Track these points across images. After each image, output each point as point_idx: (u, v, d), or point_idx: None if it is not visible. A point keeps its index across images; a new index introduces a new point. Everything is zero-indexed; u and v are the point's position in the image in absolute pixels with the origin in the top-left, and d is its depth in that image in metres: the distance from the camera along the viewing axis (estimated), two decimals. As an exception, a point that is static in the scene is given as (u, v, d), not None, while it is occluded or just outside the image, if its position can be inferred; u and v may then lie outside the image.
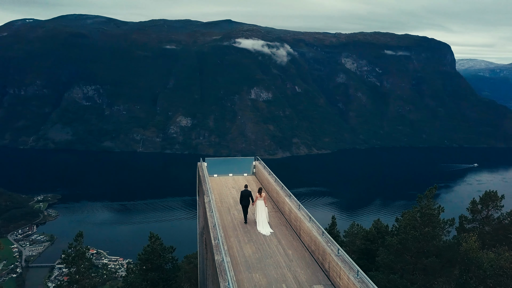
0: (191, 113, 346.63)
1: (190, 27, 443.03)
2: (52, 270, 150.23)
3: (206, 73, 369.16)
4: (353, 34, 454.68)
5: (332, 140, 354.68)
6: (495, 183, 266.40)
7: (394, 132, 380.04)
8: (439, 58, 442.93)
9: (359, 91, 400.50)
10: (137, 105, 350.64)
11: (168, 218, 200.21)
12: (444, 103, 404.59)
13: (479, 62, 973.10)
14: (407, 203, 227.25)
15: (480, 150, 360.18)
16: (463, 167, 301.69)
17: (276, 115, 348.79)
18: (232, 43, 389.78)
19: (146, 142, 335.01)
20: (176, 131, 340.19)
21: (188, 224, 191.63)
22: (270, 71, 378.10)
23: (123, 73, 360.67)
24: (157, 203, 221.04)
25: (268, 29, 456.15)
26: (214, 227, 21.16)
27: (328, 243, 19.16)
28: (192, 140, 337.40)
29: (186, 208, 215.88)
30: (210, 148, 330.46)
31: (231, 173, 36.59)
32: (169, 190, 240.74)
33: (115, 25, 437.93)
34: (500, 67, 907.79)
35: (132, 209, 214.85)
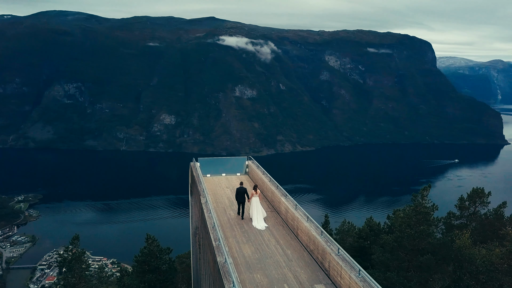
0: (175, 111, 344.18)
1: (174, 24, 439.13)
2: (34, 271, 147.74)
3: (190, 70, 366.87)
4: (336, 32, 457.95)
5: (316, 137, 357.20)
6: (475, 178, 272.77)
7: (377, 129, 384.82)
8: (420, 56, 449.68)
9: (343, 89, 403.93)
10: (120, 103, 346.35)
11: (153, 217, 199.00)
12: (425, 100, 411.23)
13: (459, 60, 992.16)
14: (391, 199, 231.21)
15: (460, 146, 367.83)
16: (444, 163, 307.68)
17: (261, 112, 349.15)
18: (216, 40, 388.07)
19: (130, 140, 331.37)
20: (160, 129, 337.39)
21: (174, 222, 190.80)
22: (254, 68, 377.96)
23: (106, 70, 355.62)
24: (141, 202, 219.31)
25: (252, 27, 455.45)
26: (214, 228, 21.05)
27: (327, 242, 19.29)
28: (176, 138, 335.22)
29: (171, 206, 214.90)
30: (195, 146, 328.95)
31: (224, 173, 36.45)
32: (154, 189, 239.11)
33: (97, 22, 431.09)
34: (479, 65, 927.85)
35: (116, 209, 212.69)
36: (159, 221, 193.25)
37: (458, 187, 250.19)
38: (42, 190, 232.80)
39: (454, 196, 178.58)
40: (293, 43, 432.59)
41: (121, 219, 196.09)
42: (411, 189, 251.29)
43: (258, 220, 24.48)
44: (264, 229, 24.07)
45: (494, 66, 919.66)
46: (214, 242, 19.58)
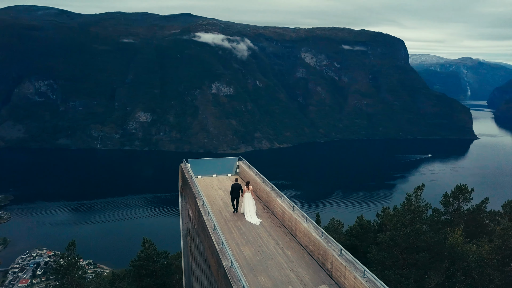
0: (151, 108, 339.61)
1: (149, 20, 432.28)
2: (6, 275, 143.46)
3: (166, 67, 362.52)
4: (312, 29, 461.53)
5: (293, 134, 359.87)
6: (446, 172, 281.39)
7: (352, 125, 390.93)
8: (394, 53, 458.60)
9: (319, 86, 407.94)
10: (94, 100, 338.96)
11: (130, 216, 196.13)
12: (399, 97, 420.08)
13: (431, 57, 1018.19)
14: (367, 194, 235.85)
15: (433, 141, 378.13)
16: (418, 158, 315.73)
17: (238, 109, 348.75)
18: (192, 37, 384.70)
19: (104, 138, 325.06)
20: (136, 127, 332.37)
21: (153, 222, 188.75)
22: (231, 65, 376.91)
23: (79, 67, 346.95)
24: (117, 201, 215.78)
25: (228, 23, 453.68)
26: (215, 231, 20.80)
27: (329, 243, 19.32)
28: (152, 136, 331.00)
29: (148, 205, 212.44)
30: (171, 144, 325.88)
31: (215, 173, 36.01)
32: (130, 188, 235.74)
33: (69, 17, 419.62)
34: (450, 62, 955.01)
35: (91, 208, 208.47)
36: (136, 220, 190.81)
37: (431, 181, 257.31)
38: (13, 191, 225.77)
39: (428, 190, 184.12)
40: (269, 40, 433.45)
41: (96, 219, 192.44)
42: (386, 183, 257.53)
43: (250, 215, 25.54)
44: (258, 224, 24.88)
45: (464, 63, 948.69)
46: (217, 246, 19.37)
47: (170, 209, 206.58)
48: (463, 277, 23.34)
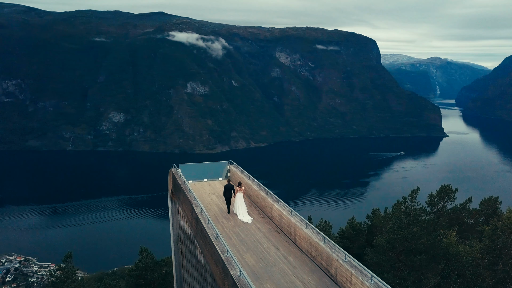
0: (124, 108, 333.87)
1: (121, 19, 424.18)
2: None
3: (139, 66, 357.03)
4: (286, 29, 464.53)
5: (269, 133, 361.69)
6: (418, 169, 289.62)
7: (327, 124, 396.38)
8: (366, 53, 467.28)
9: (293, 85, 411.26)
10: (65, 100, 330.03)
11: (106, 218, 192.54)
12: (371, 96, 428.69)
13: (402, 57, 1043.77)
14: (342, 192, 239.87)
15: (404, 139, 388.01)
16: (391, 156, 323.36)
17: (214, 109, 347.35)
18: (166, 36, 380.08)
19: (77, 139, 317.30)
20: (109, 128, 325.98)
21: (129, 224, 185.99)
22: (206, 64, 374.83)
23: (48, 66, 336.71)
24: (92, 204, 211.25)
25: (202, 22, 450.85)
26: (218, 239, 20.43)
27: (332, 248, 19.23)
28: (126, 136, 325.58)
29: (123, 207, 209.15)
30: (146, 144, 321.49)
31: (205, 178, 35.35)
32: (104, 190, 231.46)
33: (37, 15, 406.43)
34: (420, 62, 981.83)
35: (63, 212, 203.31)
36: (111, 223, 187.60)
37: (403, 178, 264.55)
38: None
39: (400, 187, 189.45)
40: (244, 40, 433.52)
41: (69, 223, 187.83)
42: (360, 181, 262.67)
43: (243, 214, 26.08)
44: (250, 222, 25.40)
45: (433, 63, 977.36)
46: (222, 254, 18.96)
47: (146, 211, 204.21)
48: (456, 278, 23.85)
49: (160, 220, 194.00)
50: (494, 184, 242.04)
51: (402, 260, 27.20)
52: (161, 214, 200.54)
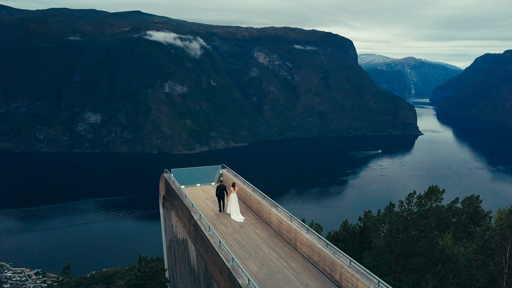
0: (101, 108, 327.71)
1: (96, 18, 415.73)
2: None
3: (116, 66, 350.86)
4: (264, 29, 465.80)
5: (249, 133, 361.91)
6: (394, 167, 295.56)
7: (305, 124, 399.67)
8: (343, 53, 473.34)
9: (272, 85, 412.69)
10: (39, 101, 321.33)
11: (83, 221, 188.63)
12: (348, 95, 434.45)
13: (378, 57, 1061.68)
14: (321, 190, 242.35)
15: (381, 137, 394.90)
16: (368, 154, 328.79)
17: (192, 109, 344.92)
18: (143, 35, 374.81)
19: (51, 141, 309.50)
20: (85, 128, 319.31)
21: (107, 226, 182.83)
22: (184, 64, 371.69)
23: (21, 66, 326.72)
24: (68, 207, 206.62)
25: (179, 22, 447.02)
26: (221, 247, 20.13)
27: (335, 254, 19.15)
28: (103, 137, 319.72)
29: (101, 210, 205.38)
30: (123, 145, 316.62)
31: (198, 183, 34.96)
32: (81, 192, 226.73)
33: (8, 13, 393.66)
34: (395, 62, 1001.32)
35: (38, 215, 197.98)
36: (88, 226, 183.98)
37: (380, 176, 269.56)
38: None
39: (378, 184, 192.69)
40: (222, 39, 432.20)
41: (45, 226, 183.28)
42: (338, 179, 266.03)
43: (236, 214, 26.61)
44: (242, 221, 25.83)
45: (408, 62, 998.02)
46: (228, 263, 18.72)
47: (124, 213, 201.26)
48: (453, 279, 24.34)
49: (139, 222, 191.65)
50: (468, 181, 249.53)
51: (400, 263, 27.48)
52: (141, 216, 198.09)
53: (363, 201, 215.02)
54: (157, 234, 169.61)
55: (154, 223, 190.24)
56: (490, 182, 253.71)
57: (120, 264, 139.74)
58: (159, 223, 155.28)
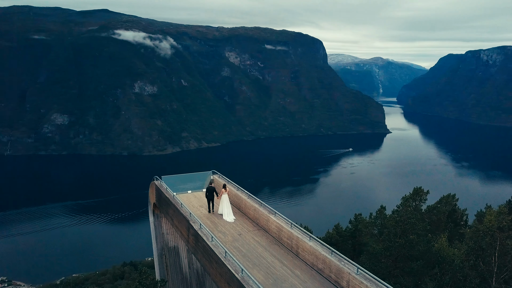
0: (68, 109, 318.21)
1: (62, 16, 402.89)
2: None
3: (83, 66, 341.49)
4: (235, 29, 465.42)
5: (221, 133, 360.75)
6: (364, 165, 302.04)
7: (277, 123, 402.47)
8: (313, 53, 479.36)
9: (244, 85, 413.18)
10: (1, 102, 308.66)
11: (50, 226, 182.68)
12: (319, 95, 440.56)
13: (347, 57, 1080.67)
14: (293, 189, 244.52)
15: (351, 136, 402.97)
16: (340, 152, 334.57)
17: (163, 109, 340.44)
18: (111, 34, 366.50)
19: (15, 143, 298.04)
20: (52, 130, 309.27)
21: (77, 231, 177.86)
22: (154, 64, 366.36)
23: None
24: (34, 211, 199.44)
25: (149, 21, 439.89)
26: (227, 257, 19.69)
27: (341, 261, 19.03)
28: (71, 139, 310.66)
29: (70, 214, 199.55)
30: (92, 147, 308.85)
31: (189, 189, 34.20)
32: (48, 196, 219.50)
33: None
34: (364, 62, 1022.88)
35: (2, 221, 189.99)
36: (57, 231, 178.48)
37: (351, 174, 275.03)
38: None
39: (349, 182, 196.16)
40: (192, 39, 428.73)
41: (9, 233, 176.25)
42: (310, 178, 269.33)
43: (228, 215, 27.11)
44: (233, 221, 26.35)
45: (376, 63, 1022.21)
46: (237, 274, 18.29)
47: (94, 216, 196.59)
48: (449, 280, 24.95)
49: (110, 225, 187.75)
50: (434, 177, 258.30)
51: (399, 267, 27.82)
52: (112, 219, 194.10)
53: (335, 199, 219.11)
54: (128, 237, 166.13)
55: (125, 226, 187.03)
56: (455, 178, 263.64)
57: (92, 269, 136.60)
58: (131, 226, 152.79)
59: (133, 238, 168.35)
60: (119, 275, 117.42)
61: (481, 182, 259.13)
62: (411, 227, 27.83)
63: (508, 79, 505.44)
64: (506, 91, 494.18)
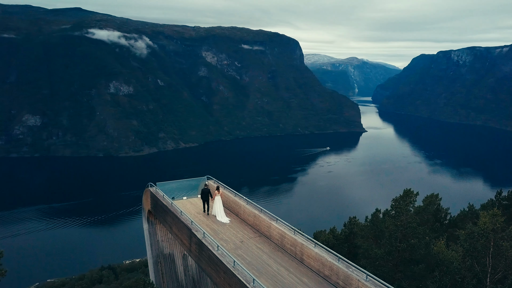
0: (40, 110, 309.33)
1: (32, 14, 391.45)
2: None
3: (56, 65, 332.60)
4: (212, 28, 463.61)
5: (199, 133, 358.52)
6: (341, 163, 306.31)
7: (255, 123, 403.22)
8: (289, 53, 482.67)
9: (221, 85, 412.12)
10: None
11: (22, 231, 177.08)
12: (296, 95, 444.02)
13: (322, 57, 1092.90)
14: (271, 188, 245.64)
15: (327, 135, 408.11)
16: (317, 151, 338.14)
17: (139, 109, 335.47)
18: (85, 33, 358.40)
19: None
20: (23, 132, 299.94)
21: (51, 235, 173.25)
22: (129, 63, 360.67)
23: None
24: (5, 216, 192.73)
25: (123, 20, 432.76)
26: (236, 267, 19.39)
27: (349, 268, 18.99)
28: (44, 140, 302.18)
29: (43, 218, 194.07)
30: (66, 148, 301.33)
31: (185, 196, 33.89)
32: (20, 200, 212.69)
33: None
34: (339, 62, 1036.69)
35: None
36: (30, 235, 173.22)
37: (328, 173, 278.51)
38: None
39: (326, 181, 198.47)
40: (169, 38, 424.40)
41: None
42: (288, 177, 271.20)
43: (221, 216, 27.94)
44: (227, 222, 26.86)
45: (351, 62, 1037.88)
46: (248, 284, 17.95)
47: (69, 220, 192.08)
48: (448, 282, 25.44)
49: (86, 228, 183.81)
50: (409, 174, 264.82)
51: (401, 271, 28.11)
52: (87, 222, 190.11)
53: (312, 198, 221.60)
54: (106, 240, 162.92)
55: (102, 229, 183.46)
56: (429, 176, 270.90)
57: (68, 273, 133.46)
58: (107, 229, 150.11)
59: (111, 241, 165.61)
60: (97, 280, 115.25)
61: (454, 179, 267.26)
62: (412, 231, 28.12)
63: (476, 79, 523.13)
64: (475, 90, 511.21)
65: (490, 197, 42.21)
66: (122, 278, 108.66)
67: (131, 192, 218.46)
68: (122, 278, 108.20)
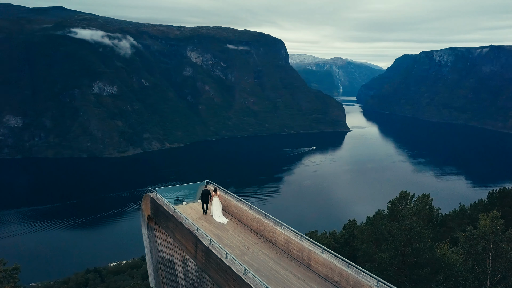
0: (22, 111, 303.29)
1: (13, 13, 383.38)
2: None
3: (37, 65, 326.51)
4: (197, 28, 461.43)
5: (184, 134, 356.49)
6: (327, 163, 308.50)
7: (241, 123, 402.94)
8: (275, 53, 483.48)
9: (207, 85, 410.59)
10: None
11: (2, 235, 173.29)
12: (281, 95, 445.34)
13: (307, 57, 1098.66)
14: (257, 188, 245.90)
15: (313, 135, 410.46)
16: (303, 151, 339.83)
17: (124, 110, 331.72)
18: (67, 32, 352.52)
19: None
20: (4, 133, 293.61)
21: (33, 238, 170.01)
22: (113, 63, 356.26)
23: None
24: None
25: (107, 19, 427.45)
26: (247, 275, 19.12)
27: (359, 274, 18.88)
28: (25, 142, 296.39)
29: (25, 221, 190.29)
30: (49, 150, 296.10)
31: (185, 201, 33.50)
32: (0, 202, 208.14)
33: None
34: (324, 62, 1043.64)
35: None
36: (10, 239, 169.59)
37: (314, 172, 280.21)
38: None
39: (312, 180, 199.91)
40: (153, 38, 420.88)
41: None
42: (274, 177, 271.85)
43: (219, 216, 28.62)
44: (225, 223, 27.31)
45: (335, 62, 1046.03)
46: None
47: (53, 222, 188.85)
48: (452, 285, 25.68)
49: (69, 231, 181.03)
50: (393, 173, 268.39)
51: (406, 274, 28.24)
52: (71, 224, 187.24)
53: (299, 197, 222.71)
54: (91, 243, 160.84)
55: (87, 232, 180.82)
56: (414, 174, 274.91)
57: (52, 277, 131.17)
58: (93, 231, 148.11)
59: (96, 243, 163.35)
60: (82, 283, 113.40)
61: (437, 177, 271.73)
62: (417, 235, 28.26)
63: (458, 79, 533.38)
64: (457, 90, 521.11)
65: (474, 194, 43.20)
66: (108, 281, 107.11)
67: (116, 194, 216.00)
68: (109, 281, 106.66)
